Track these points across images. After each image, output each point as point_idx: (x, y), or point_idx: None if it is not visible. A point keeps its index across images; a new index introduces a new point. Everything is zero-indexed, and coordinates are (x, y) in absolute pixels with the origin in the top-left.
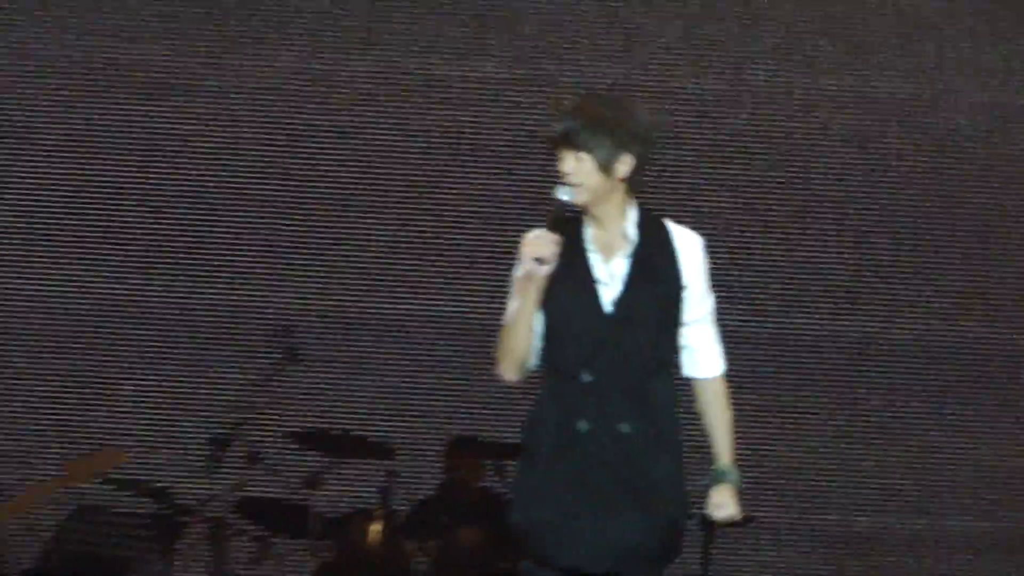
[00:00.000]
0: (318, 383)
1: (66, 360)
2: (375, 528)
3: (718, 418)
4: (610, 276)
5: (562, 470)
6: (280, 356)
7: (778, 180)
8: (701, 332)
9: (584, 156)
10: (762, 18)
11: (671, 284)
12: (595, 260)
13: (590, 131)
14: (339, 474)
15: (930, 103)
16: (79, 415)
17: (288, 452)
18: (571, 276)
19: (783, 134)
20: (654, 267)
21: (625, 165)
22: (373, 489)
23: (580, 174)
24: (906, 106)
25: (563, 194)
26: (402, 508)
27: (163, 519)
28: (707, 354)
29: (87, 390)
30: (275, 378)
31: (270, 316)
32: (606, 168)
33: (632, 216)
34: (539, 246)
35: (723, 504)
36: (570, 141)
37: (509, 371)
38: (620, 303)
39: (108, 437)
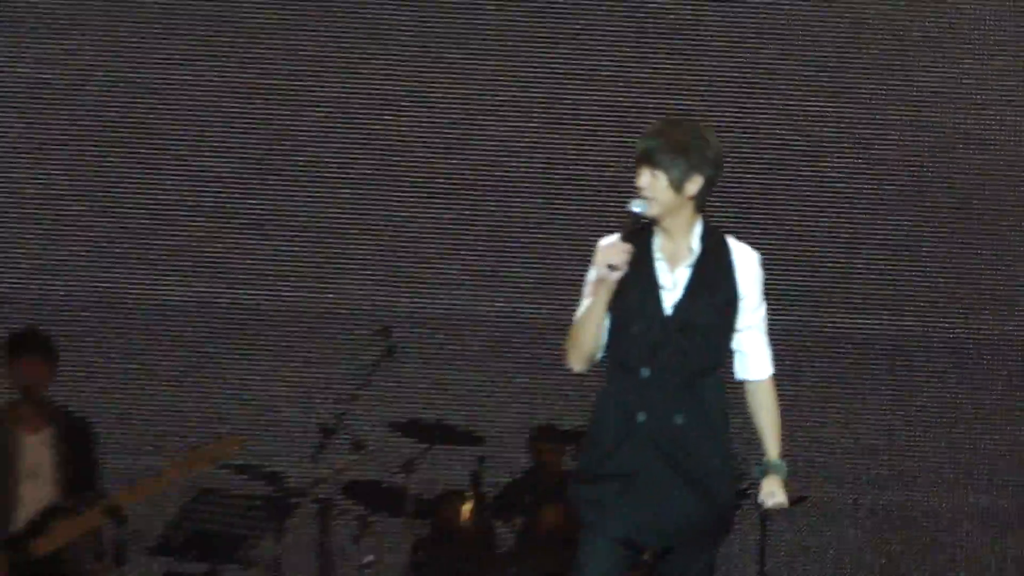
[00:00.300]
0: (414, 377)
1: (193, 359)
2: (465, 508)
3: (767, 417)
4: (673, 283)
5: (622, 455)
6: (380, 353)
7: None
8: (753, 338)
9: (659, 174)
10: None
11: (727, 293)
12: (661, 268)
13: (668, 152)
14: (433, 459)
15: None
16: (202, 408)
17: (387, 439)
18: (639, 281)
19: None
20: (713, 277)
21: (695, 185)
22: (464, 472)
23: (654, 189)
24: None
25: (636, 206)
26: (490, 490)
27: (275, 500)
28: (758, 358)
29: (210, 385)
30: (376, 373)
31: (371, 318)
32: (678, 186)
33: (697, 230)
34: (613, 253)
35: (773, 493)
36: (649, 159)
37: (577, 363)
38: (680, 308)
39: (227, 427)
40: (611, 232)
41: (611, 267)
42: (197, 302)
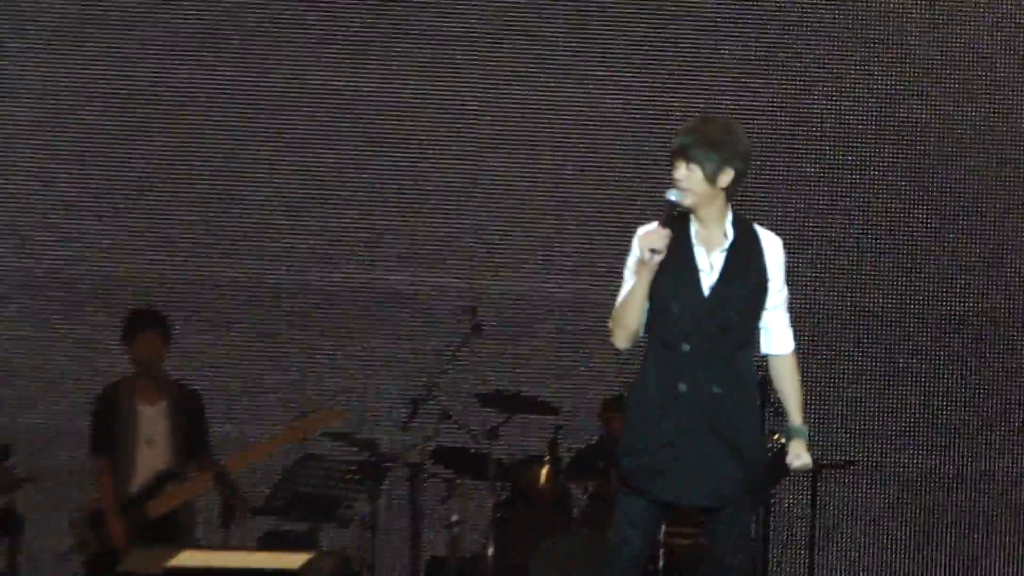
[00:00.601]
0: (497, 353)
1: (298, 336)
2: (543, 472)
3: (790, 387)
4: (710, 267)
5: (666, 423)
6: (467, 331)
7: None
8: (777, 317)
9: (695, 167)
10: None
11: (758, 276)
12: (699, 252)
13: (703, 147)
14: (513, 428)
15: None
16: (305, 381)
17: (472, 409)
18: (678, 264)
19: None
20: (745, 262)
21: (727, 177)
22: (541, 440)
23: (690, 181)
24: None
25: (673, 196)
26: (565, 456)
27: (371, 465)
28: (781, 335)
29: (313, 360)
30: (463, 349)
31: (460, 299)
32: (712, 179)
33: (728, 218)
34: (654, 239)
35: (799, 454)
36: (685, 153)
37: (621, 341)
38: (716, 289)
39: (329, 397)
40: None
41: (653, 251)
42: (302, 284)
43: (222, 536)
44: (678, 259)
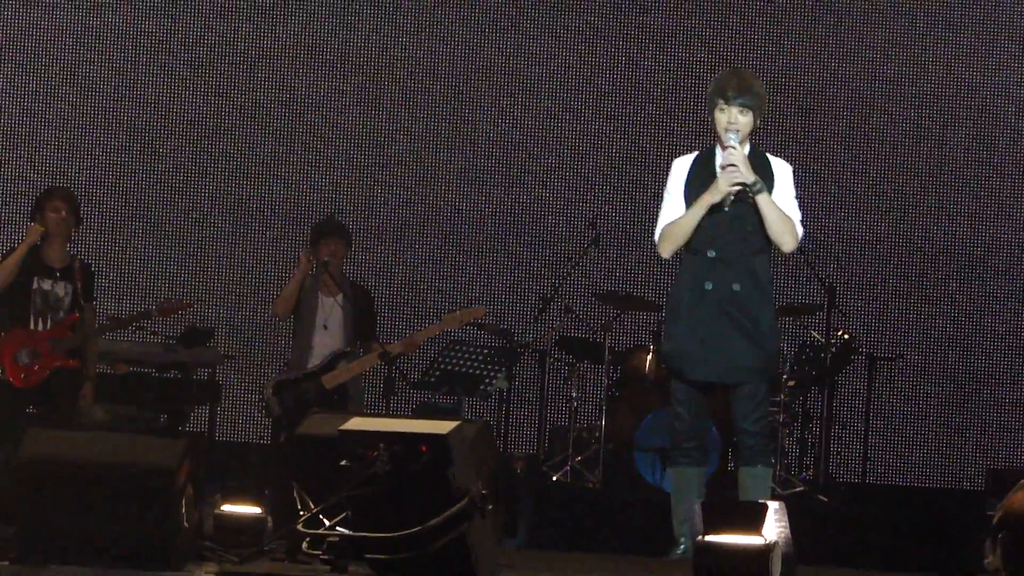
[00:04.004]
0: (612, 259)
1: (451, 251)
2: (648, 359)
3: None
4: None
5: (696, 317)
6: (588, 241)
7: None
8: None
9: (748, 111)
10: None
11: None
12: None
13: (753, 95)
14: (624, 322)
15: None
16: (456, 284)
17: (590, 306)
18: (707, 188)
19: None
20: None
21: (760, 119)
22: (647, 332)
23: (742, 124)
24: None
25: (731, 139)
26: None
27: (507, 351)
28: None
29: (462, 268)
30: (584, 255)
31: (581, 214)
32: (757, 120)
33: (746, 149)
34: (733, 158)
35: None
36: (740, 100)
37: (667, 252)
38: (735, 204)
39: (472, 297)
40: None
41: (731, 166)
42: (446, 206)
43: (384, 406)
44: (707, 184)
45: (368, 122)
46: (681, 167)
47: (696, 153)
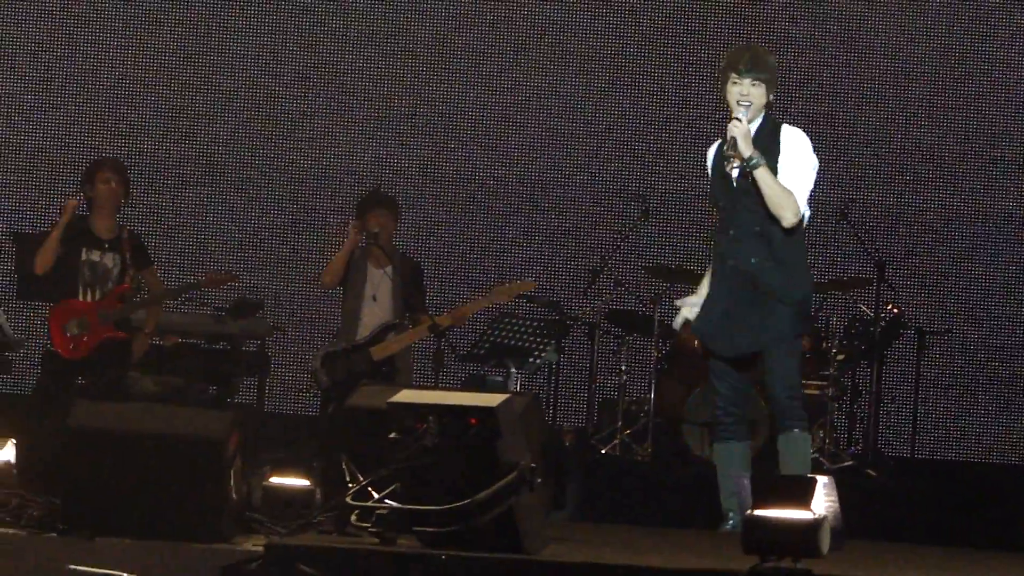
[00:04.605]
0: (661, 233)
1: (498, 224)
2: None
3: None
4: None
5: (721, 292)
6: (637, 215)
7: None
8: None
9: (760, 84)
10: None
11: (774, 161)
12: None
13: (767, 69)
14: (674, 294)
15: None
16: (505, 258)
17: (640, 279)
18: (719, 170)
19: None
20: (768, 154)
21: (773, 93)
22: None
23: (755, 97)
24: None
25: (741, 113)
26: None
27: (556, 324)
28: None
29: (511, 241)
30: (632, 230)
31: (630, 189)
32: (770, 94)
33: (758, 122)
34: (737, 131)
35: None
36: (753, 73)
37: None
38: (738, 182)
39: (521, 271)
40: None
41: (738, 119)
42: (496, 179)
43: (432, 378)
44: (719, 167)
45: (419, 94)
46: (709, 155)
47: (720, 140)
